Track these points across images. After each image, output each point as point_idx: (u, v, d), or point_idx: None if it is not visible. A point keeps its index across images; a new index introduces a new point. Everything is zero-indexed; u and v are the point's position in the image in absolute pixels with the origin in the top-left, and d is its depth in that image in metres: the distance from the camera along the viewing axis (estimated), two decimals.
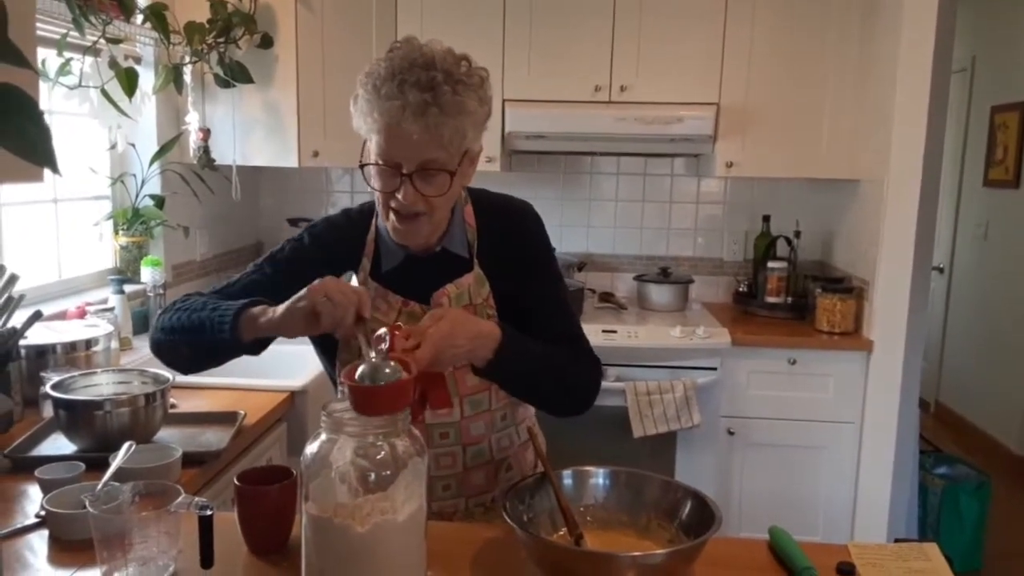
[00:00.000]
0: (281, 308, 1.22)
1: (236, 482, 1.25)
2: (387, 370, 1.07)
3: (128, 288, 2.57)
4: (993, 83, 4.75)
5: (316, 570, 1.08)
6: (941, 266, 5.11)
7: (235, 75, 2.77)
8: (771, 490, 2.99)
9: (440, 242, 1.40)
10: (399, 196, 1.27)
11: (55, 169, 0.80)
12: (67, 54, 2.26)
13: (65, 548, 1.26)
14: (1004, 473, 4.03)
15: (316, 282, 1.19)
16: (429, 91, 1.21)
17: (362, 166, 1.30)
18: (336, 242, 1.43)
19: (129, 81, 2.36)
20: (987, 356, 4.66)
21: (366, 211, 1.46)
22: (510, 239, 1.44)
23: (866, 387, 2.94)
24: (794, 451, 2.98)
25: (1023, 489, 4.08)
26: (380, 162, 1.27)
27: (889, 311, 2.89)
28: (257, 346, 1.31)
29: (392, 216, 1.32)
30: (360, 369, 1.07)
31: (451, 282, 1.39)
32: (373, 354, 1.09)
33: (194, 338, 1.31)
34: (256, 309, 1.26)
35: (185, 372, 1.45)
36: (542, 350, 1.35)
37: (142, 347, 2.50)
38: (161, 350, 1.40)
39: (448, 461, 1.42)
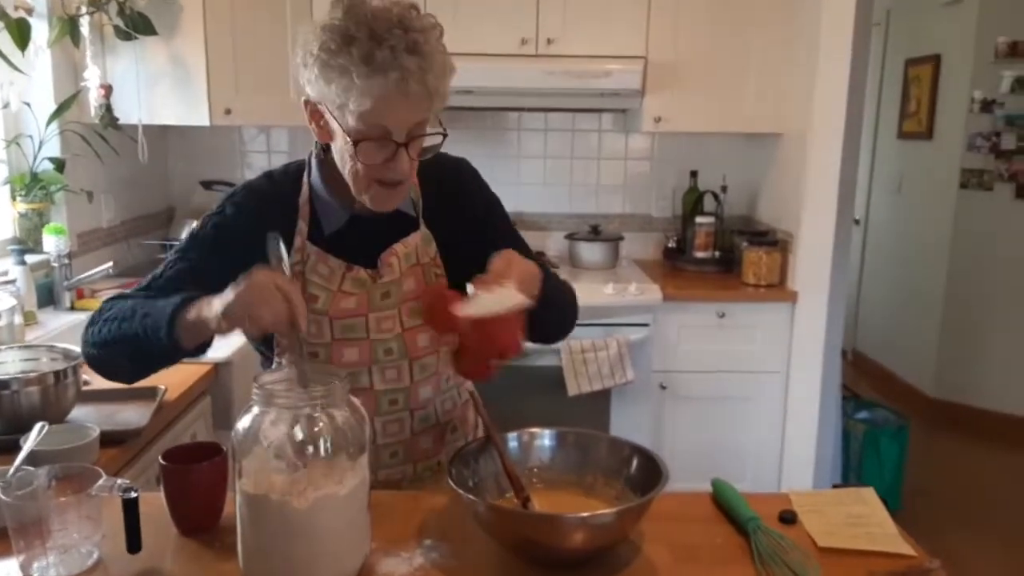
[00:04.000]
0: (214, 312, 1.10)
1: (162, 461, 1.19)
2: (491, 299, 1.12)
3: (30, 258, 2.41)
4: (906, 37, 4.88)
5: (253, 549, 1.04)
6: (858, 218, 5.27)
7: (137, 26, 2.60)
8: (703, 442, 3.04)
9: None
10: (393, 166, 1.21)
11: None
12: None
13: None
14: (919, 416, 4.22)
15: (243, 285, 1.08)
16: (419, 55, 1.15)
17: (356, 143, 1.19)
18: (262, 208, 1.33)
19: (20, 33, 2.20)
20: (901, 305, 4.85)
21: (292, 171, 1.38)
22: (451, 195, 1.41)
23: (791, 338, 3.01)
24: (724, 403, 3.04)
25: (938, 431, 4.28)
26: (370, 135, 1.19)
27: (812, 263, 2.95)
28: (199, 348, 1.21)
29: (375, 185, 1.24)
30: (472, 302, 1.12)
31: (398, 242, 1.34)
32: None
33: (130, 350, 1.22)
34: (191, 313, 1.15)
35: (129, 382, 1.34)
36: (552, 277, 1.35)
37: (49, 321, 2.36)
38: (97, 366, 1.30)
39: (395, 428, 1.38)
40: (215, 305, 1.10)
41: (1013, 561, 3.10)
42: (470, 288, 1.17)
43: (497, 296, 1.14)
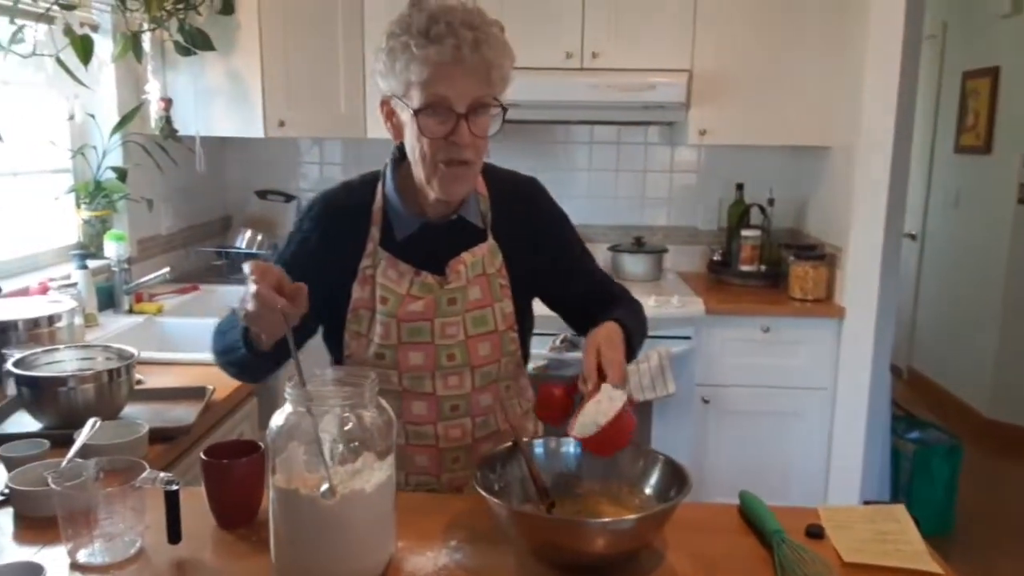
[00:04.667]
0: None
1: (203, 456, 1.24)
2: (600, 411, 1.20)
3: (92, 263, 2.52)
4: (964, 49, 4.76)
5: (285, 542, 1.08)
6: (913, 233, 5.15)
7: (196, 42, 2.71)
8: (746, 457, 3.01)
9: (457, 209, 1.39)
10: (454, 139, 1.26)
11: None
12: (19, 21, 2.19)
13: (31, 525, 1.24)
14: (975, 437, 4.10)
15: (249, 296, 1.11)
16: (477, 29, 1.23)
17: (416, 112, 1.26)
18: (339, 216, 1.40)
19: (84, 49, 2.30)
20: (958, 322, 4.72)
21: (368, 180, 1.44)
22: (522, 211, 1.46)
23: (838, 353, 2.96)
24: (768, 418, 3.01)
25: (993, 453, 4.15)
26: (432, 106, 1.24)
27: (861, 278, 2.90)
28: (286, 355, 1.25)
29: (441, 167, 1.30)
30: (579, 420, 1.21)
31: (466, 250, 1.39)
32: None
33: (233, 360, 1.32)
34: None
35: (257, 382, 1.57)
36: (627, 315, 1.41)
37: (108, 323, 2.46)
38: (225, 372, 1.40)
39: (457, 433, 1.42)
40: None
41: None
42: (580, 386, 1.27)
43: (600, 406, 1.21)
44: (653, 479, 1.24)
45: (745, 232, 3.25)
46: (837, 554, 1.19)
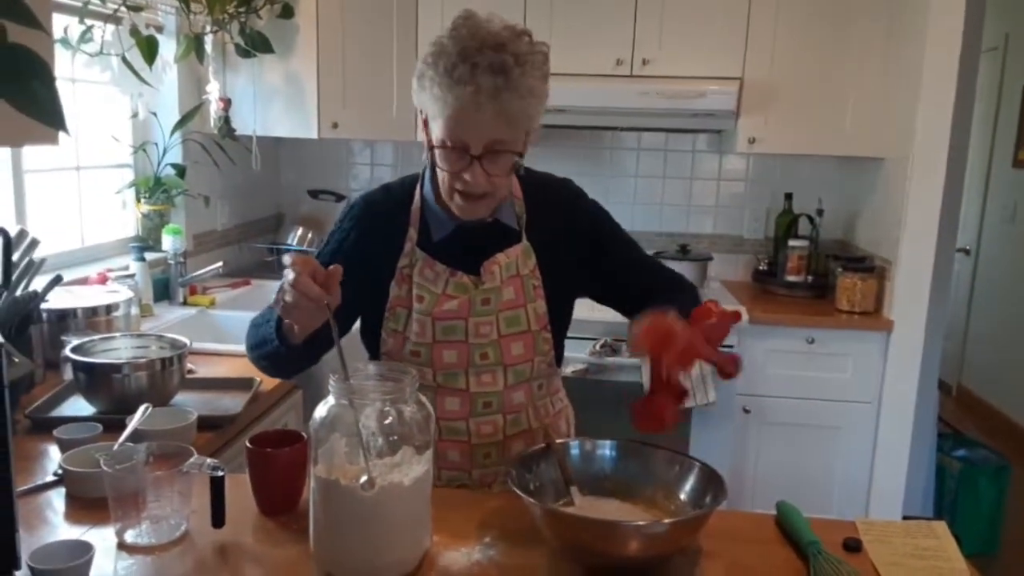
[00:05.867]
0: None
1: (248, 445, 1.28)
2: None
3: (149, 256, 2.60)
4: None
5: (323, 532, 1.10)
6: (967, 248, 5.03)
7: (255, 45, 2.78)
8: (786, 469, 2.98)
9: (493, 213, 1.41)
10: (467, 177, 1.28)
11: (63, 128, 0.81)
12: (88, 21, 2.27)
13: (82, 506, 1.29)
14: None
15: (287, 285, 1.13)
16: (501, 75, 1.22)
17: (431, 148, 1.31)
18: (378, 217, 1.44)
19: (149, 49, 2.38)
20: (1011, 340, 4.60)
21: (407, 183, 1.48)
22: (554, 213, 1.47)
23: (885, 368, 2.91)
24: (810, 430, 2.97)
25: None
26: (448, 144, 1.28)
27: (911, 292, 2.85)
28: (314, 346, 1.29)
29: (456, 196, 1.33)
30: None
31: (500, 252, 1.41)
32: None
33: (265, 353, 1.34)
34: None
35: (285, 378, 1.67)
36: (676, 300, 1.37)
37: (163, 314, 2.54)
38: (257, 366, 1.42)
39: (489, 429, 1.44)
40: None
41: None
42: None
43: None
44: (688, 485, 1.24)
45: (792, 242, 3.22)
46: (875, 568, 1.18)
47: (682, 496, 1.24)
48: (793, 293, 3.21)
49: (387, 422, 1.09)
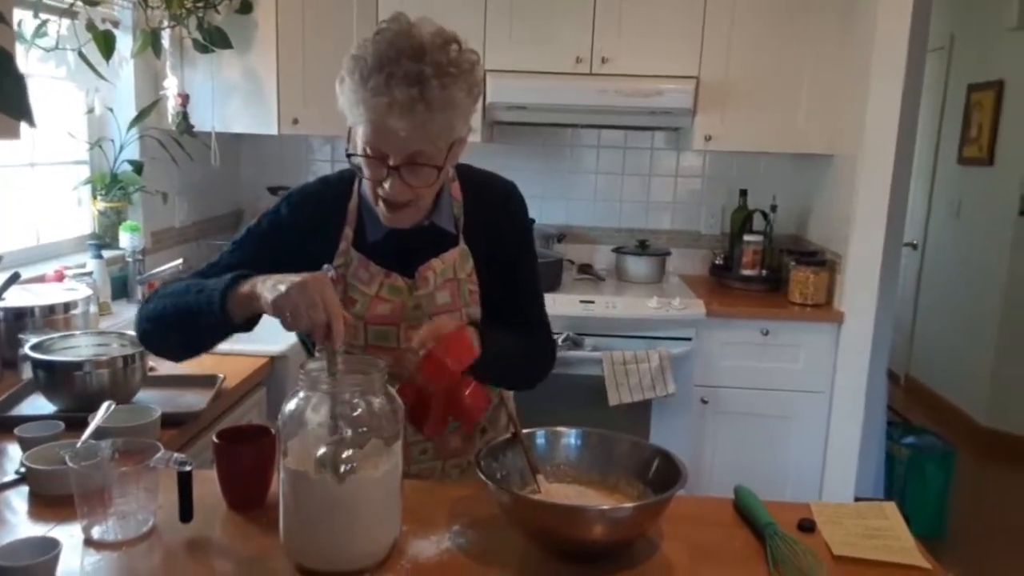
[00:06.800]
0: (267, 295, 1.16)
1: (215, 439, 1.28)
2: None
3: (107, 253, 2.56)
4: (970, 62, 4.80)
5: (294, 523, 1.11)
6: (915, 242, 5.18)
7: (214, 40, 2.76)
8: (742, 456, 3.05)
9: (428, 216, 1.38)
10: (386, 187, 1.26)
11: (31, 122, 0.81)
12: (43, 16, 2.24)
13: (46, 504, 1.28)
14: (972, 445, 4.14)
15: (295, 285, 1.14)
16: (417, 86, 1.17)
17: (349, 156, 1.29)
18: (315, 211, 1.40)
19: (106, 44, 2.34)
20: (956, 331, 4.75)
21: (346, 178, 1.44)
22: (495, 217, 1.45)
23: (836, 358, 3.00)
24: (765, 419, 3.05)
25: (989, 461, 4.18)
26: (368, 152, 1.25)
27: (860, 285, 2.94)
28: (248, 323, 1.26)
29: (380, 203, 1.31)
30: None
31: (436, 256, 1.39)
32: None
33: (182, 323, 1.28)
34: (244, 287, 1.21)
35: (177, 360, 1.44)
36: (514, 346, 1.40)
37: (121, 312, 2.51)
38: (149, 340, 1.37)
39: None
40: (268, 287, 1.17)
41: None
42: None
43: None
44: (650, 471, 1.28)
45: (747, 237, 3.30)
46: (828, 547, 1.22)
47: (644, 482, 1.28)
48: (748, 287, 3.28)
49: (356, 414, 1.10)
